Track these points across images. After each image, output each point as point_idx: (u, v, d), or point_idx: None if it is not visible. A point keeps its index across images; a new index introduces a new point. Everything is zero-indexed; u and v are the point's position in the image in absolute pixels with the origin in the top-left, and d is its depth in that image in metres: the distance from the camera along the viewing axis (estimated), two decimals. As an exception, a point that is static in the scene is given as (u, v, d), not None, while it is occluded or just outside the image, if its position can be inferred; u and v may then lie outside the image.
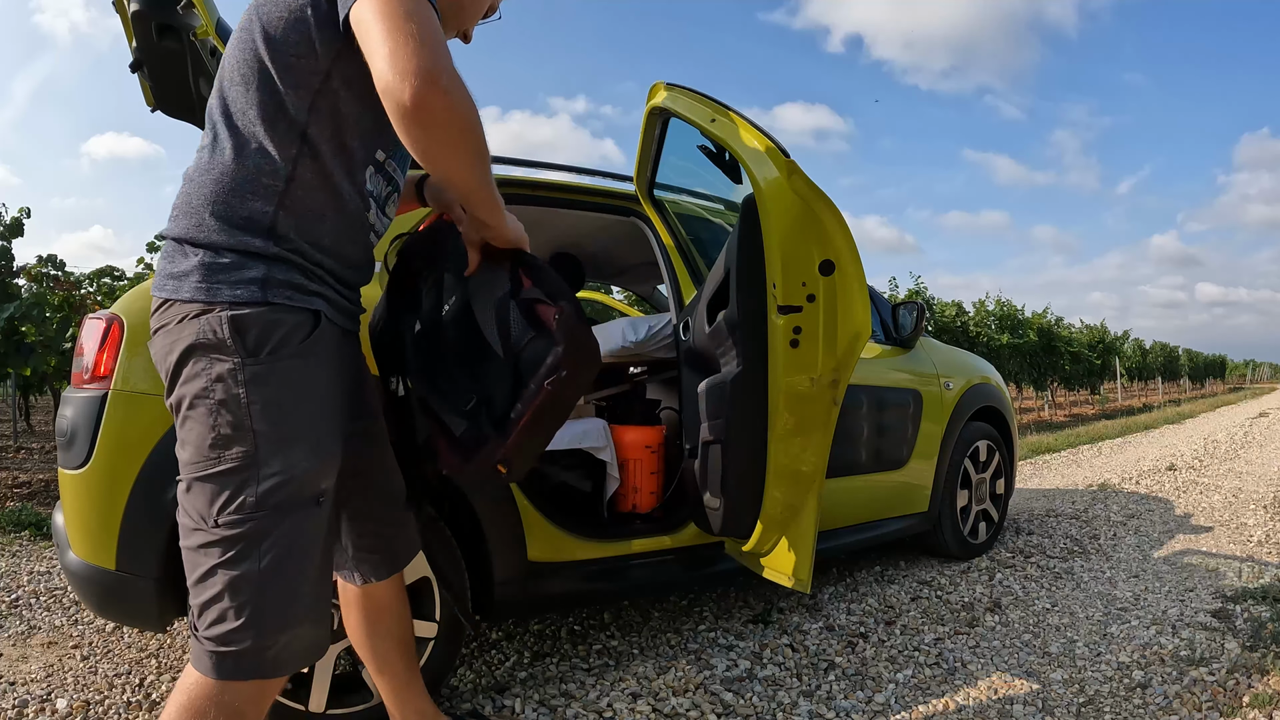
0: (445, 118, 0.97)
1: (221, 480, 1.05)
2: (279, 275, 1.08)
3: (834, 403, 1.91)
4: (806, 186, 1.82)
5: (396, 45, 0.95)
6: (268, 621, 1.05)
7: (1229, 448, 8.12)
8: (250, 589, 1.04)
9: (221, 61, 1.14)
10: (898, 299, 11.29)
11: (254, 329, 1.05)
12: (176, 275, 1.08)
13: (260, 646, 1.05)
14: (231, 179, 1.07)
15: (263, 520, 1.05)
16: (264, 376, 1.06)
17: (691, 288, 2.51)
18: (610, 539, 2.21)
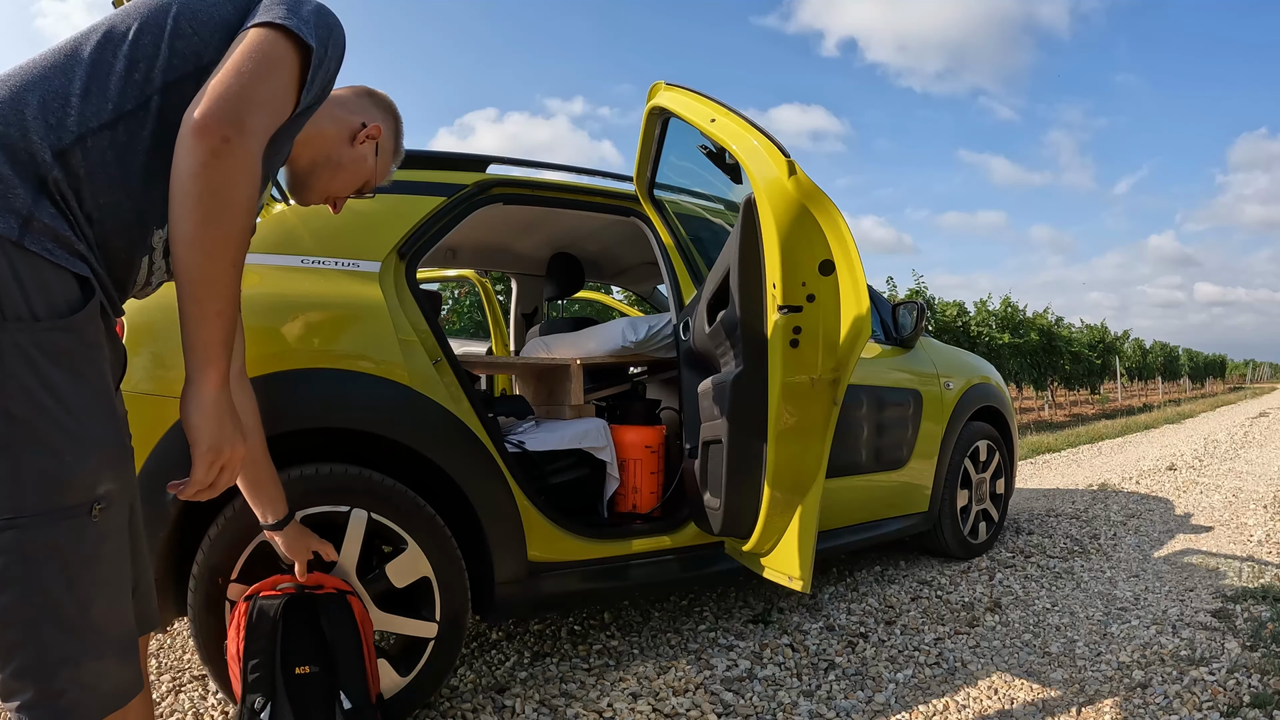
0: (223, 157, 0.86)
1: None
2: (42, 217, 0.85)
3: (834, 403, 1.91)
4: (806, 186, 1.82)
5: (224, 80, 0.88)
6: (48, 660, 0.83)
7: (1229, 447, 8.12)
8: (18, 622, 0.81)
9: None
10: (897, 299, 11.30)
11: (9, 280, 0.82)
12: None
13: (47, 691, 0.82)
14: None
15: (24, 530, 0.81)
16: (25, 347, 0.82)
17: (691, 288, 2.51)
18: (610, 539, 2.21)
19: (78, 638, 0.85)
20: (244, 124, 0.87)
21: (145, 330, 1.65)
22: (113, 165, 0.91)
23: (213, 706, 1.90)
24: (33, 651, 0.82)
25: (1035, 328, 13.62)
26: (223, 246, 0.88)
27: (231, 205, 0.88)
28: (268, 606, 1.52)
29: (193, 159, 0.85)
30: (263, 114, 0.90)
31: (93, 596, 0.87)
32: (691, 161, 2.36)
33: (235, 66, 0.89)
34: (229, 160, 0.86)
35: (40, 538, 0.82)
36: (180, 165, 0.86)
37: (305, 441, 1.79)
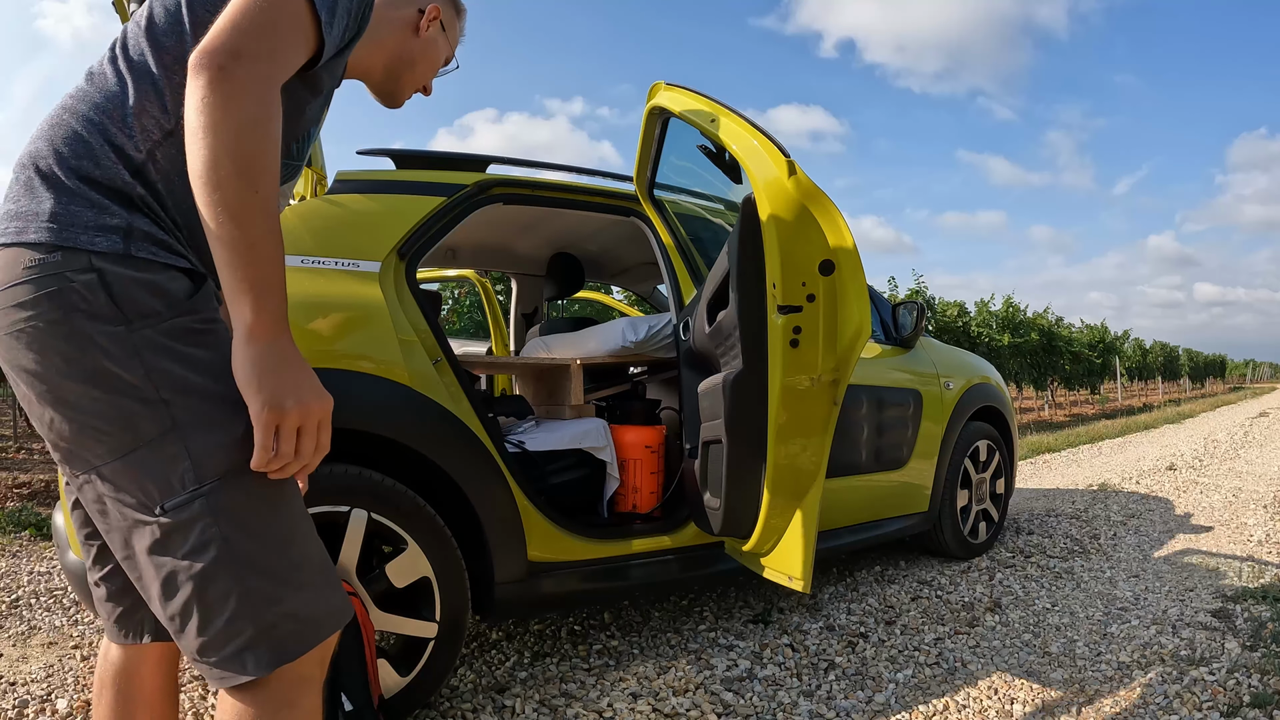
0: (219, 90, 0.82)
1: (147, 465, 0.87)
2: (141, 225, 0.91)
3: (834, 403, 1.91)
4: (806, 186, 1.82)
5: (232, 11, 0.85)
6: (263, 599, 0.89)
7: (1229, 447, 8.12)
8: (227, 574, 0.87)
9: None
10: (898, 299, 11.30)
11: (125, 290, 0.88)
12: (27, 214, 0.89)
13: (267, 627, 0.89)
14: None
15: (213, 493, 0.87)
16: (159, 342, 0.88)
17: (691, 288, 2.51)
18: (610, 539, 2.21)
19: (280, 577, 0.90)
20: (239, 50, 0.83)
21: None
22: (184, 168, 0.89)
23: (212, 707, 1.90)
24: (242, 597, 0.87)
25: (1035, 328, 13.63)
26: (243, 177, 0.83)
27: (243, 131, 0.83)
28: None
29: (194, 96, 0.82)
30: (260, 39, 0.85)
31: (285, 535, 0.92)
32: (691, 161, 2.36)
33: (237, 5, 0.86)
34: (228, 84, 0.82)
35: (225, 498, 0.88)
36: (186, 107, 0.83)
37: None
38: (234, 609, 0.87)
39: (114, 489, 0.88)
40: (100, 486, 0.89)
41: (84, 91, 0.94)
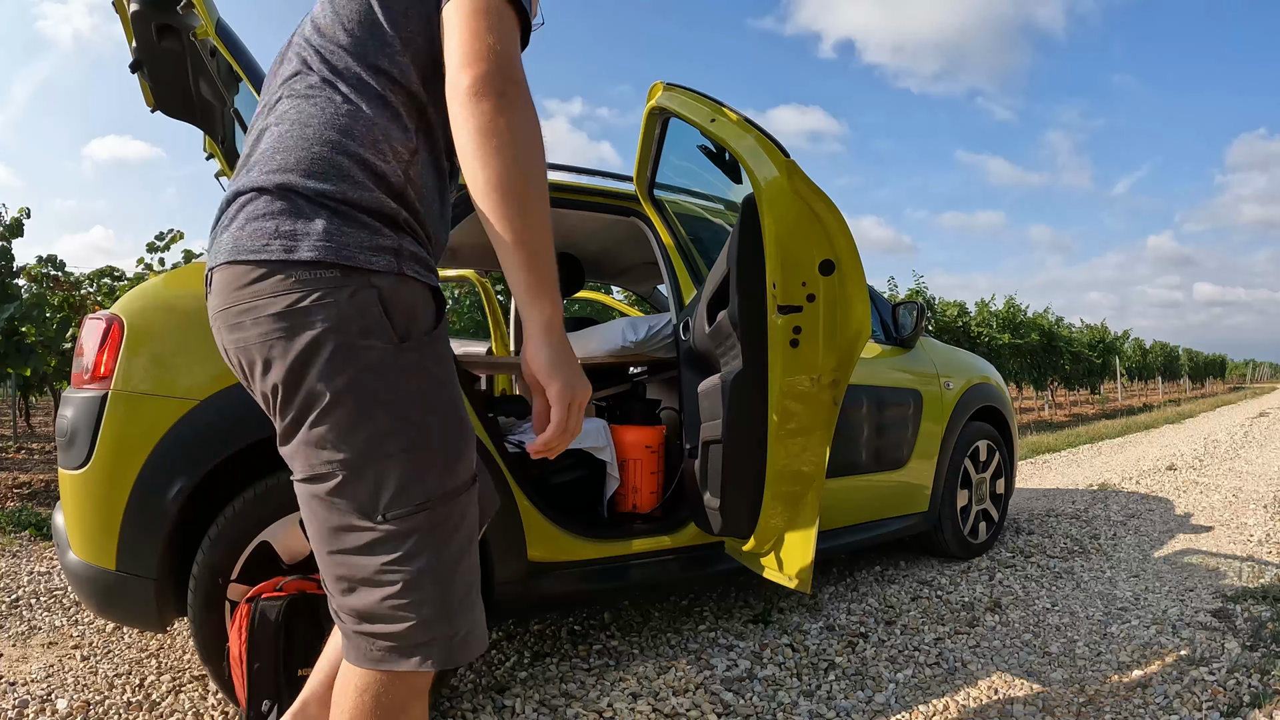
0: (500, 114, 0.90)
1: (387, 475, 0.94)
2: (409, 246, 0.97)
3: (834, 402, 1.91)
4: (806, 186, 1.82)
5: (471, 34, 0.92)
6: (452, 610, 0.98)
7: (1229, 447, 8.12)
8: (431, 581, 0.96)
9: None
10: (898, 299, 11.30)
11: (400, 307, 0.95)
12: (286, 234, 0.93)
13: (446, 636, 0.98)
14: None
15: (434, 511, 0.97)
16: (416, 363, 0.96)
17: (691, 288, 2.51)
18: (610, 539, 2.21)
19: (468, 591, 1.01)
20: (511, 77, 0.91)
21: (145, 331, 1.66)
22: (430, 180, 1.02)
23: (213, 707, 1.90)
24: (440, 601, 0.97)
25: (1035, 328, 13.63)
26: (533, 185, 0.91)
27: (530, 147, 0.91)
28: (269, 608, 1.52)
29: (480, 119, 0.89)
30: (517, 64, 0.93)
31: (471, 555, 1.03)
32: (691, 161, 2.36)
33: (472, 29, 0.91)
34: (511, 108, 0.90)
35: (444, 514, 0.98)
36: (468, 128, 0.90)
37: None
38: (431, 611, 0.96)
39: (337, 493, 0.95)
40: (316, 488, 0.96)
41: (308, 114, 0.97)
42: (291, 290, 0.91)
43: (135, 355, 1.63)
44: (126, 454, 1.60)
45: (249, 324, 0.94)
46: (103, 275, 7.16)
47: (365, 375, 0.93)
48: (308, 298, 0.91)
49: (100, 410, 1.60)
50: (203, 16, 1.88)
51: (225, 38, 1.93)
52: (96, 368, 1.65)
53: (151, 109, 2.35)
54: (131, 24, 2.03)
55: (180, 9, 1.92)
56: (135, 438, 1.60)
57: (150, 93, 2.31)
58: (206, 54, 2.05)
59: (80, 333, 1.78)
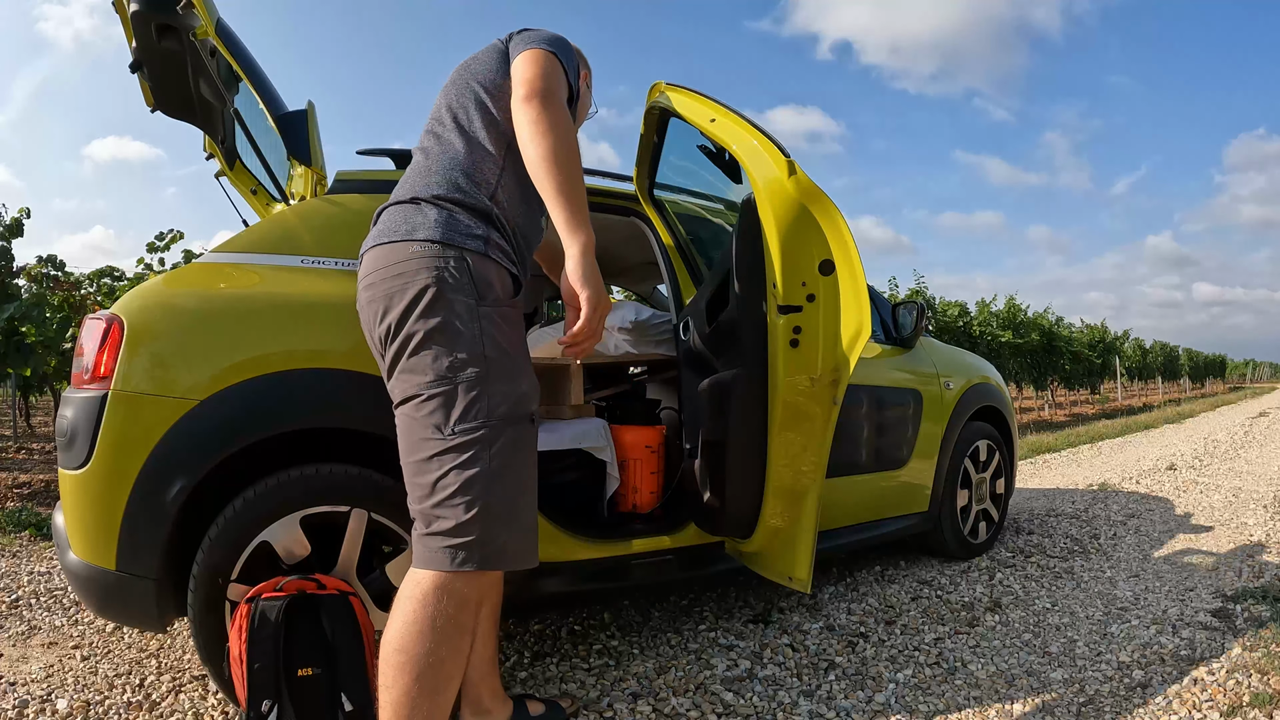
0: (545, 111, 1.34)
1: (458, 396, 1.26)
2: (495, 237, 1.38)
3: (834, 402, 1.91)
4: (806, 186, 1.82)
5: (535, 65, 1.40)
6: (493, 518, 1.25)
7: (1229, 447, 8.12)
8: (480, 486, 1.24)
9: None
10: (898, 299, 11.29)
11: (482, 277, 1.33)
12: (410, 222, 1.35)
13: (485, 539, 1.24)
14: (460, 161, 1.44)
15: (492, 429, 1.27)
16: (492, 315, 1.32)
17: (691, 288, 2.51)
18: (610, 539, 2.21)
19: (513, 507, 1.29)
20: (549, 89, 1.37)
21: (145, 330, 1.66)
22: (516, 193, 1.45)
23: (213, 707, 1.90)
24: (485, 507, 1.25)
25: (1036, 327, 13.63)
26: (572, 156, 1.34)
27: (566, 132, 1.35)
28: (269, 609, 1.52)
29: (530, 115, 1.34)
30: (554, 82, 1.39)
31: (523, 483, 1.33)
32: (691, 161, 2.36)
33: (527, 66, 1.40)
34: (550, 107, 1.35)
35: (499, 434, 1.29)
36: (523, 121, 1.35)
37: (306, 442, 1.79)
38: (476, 513, 1.24)
39: (421, 409, 1.28)
40: (408, 408, 1.30)
41: (437, 151, 1.45)
42: (410, 255, 1.31)
43: (135, 355, 1.63)
44: (126, 454, 1.60)
45: (378, 282, 1.33)
46: (103, 275, 7.16)
47: (452, 319, 1.28)
48: (419, 259, 1.30)
49: (100, 410, 1.60)
50: (203, 16, 1.88)
51: (225, 38, 1.93)
52: (96, 368, 1.64)
53: (151, 109, 2.35)
54: (131, 24, 2.03)
55: (180, 9, 1.92)
56: (135, 438, 1.60)
57: (150, 93, 2.31)
58: (206, 54, 2.05)
59: (80, 333, 1.78)
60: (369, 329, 1.38)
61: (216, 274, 1.82)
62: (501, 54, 1.53)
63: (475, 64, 1.54)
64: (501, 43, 1.56)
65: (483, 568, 1.26)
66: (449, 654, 1.25)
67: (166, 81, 2.24)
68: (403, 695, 1.25)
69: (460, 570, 1.24)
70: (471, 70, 1.53)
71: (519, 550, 1.30)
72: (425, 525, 1.27)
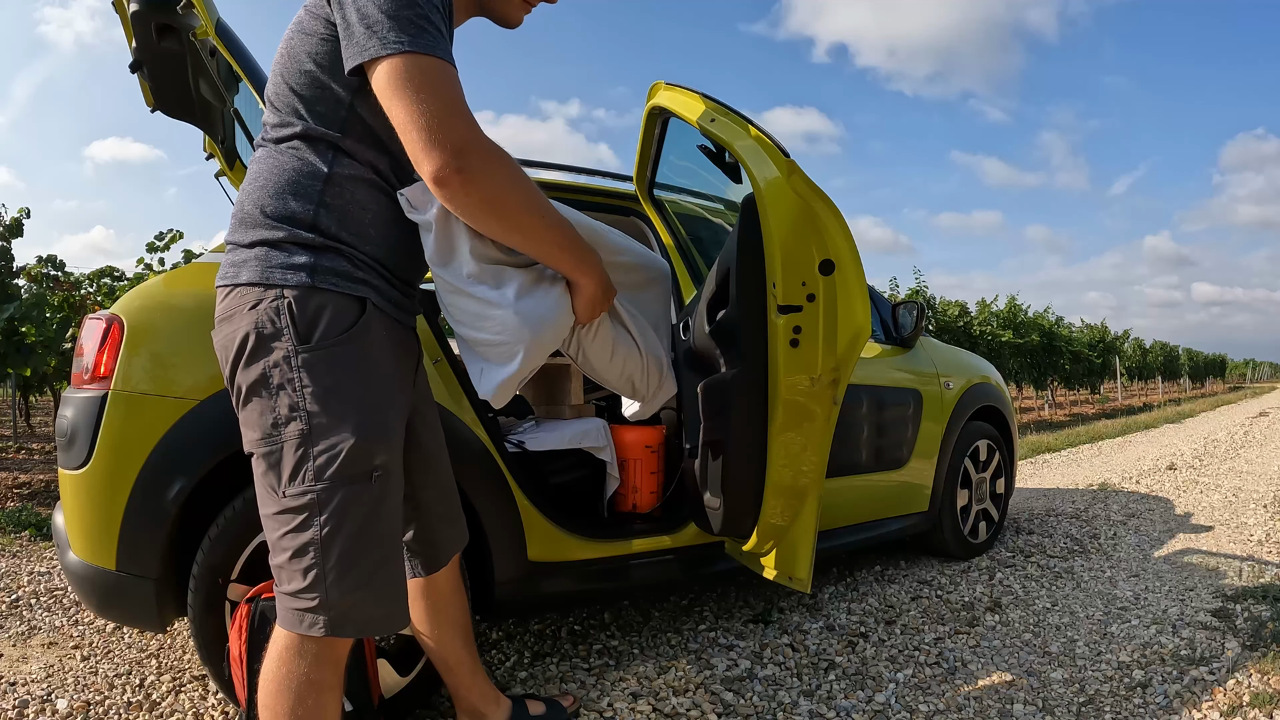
0: (464, 192, 1.10)
1: (283, 456, 1.14)
2: (325, 263, 1.15)
3: (834, 402, 1.91)
4: (806, 186, 1.82)
5: (416, 124, 1.06)
6: (333, 584, 1.14)
7: (1229, 447, 8.12)
8: (315, 552, 1.14)
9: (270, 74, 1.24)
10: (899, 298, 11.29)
11: (304, 314, 1.13)
12: (235, 264, 1.18)
13: (329, 604, 1.14)
14: (275, 182, 1.17)
15: (320, 492, 1.13)
16: (313, 361, 1.14)
17: (691, 288, 2.51)
18: (610, 539, 2.21)
19: (352, 572, 1.15)
20: (463, 145, 1.08)
21: (145, 330, 1.66)
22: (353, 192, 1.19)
23: (213, 707, 1.90)
24: (322, 575, 1.14)
25: (1036, 327, 13.62)
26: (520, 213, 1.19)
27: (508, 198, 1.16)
28: (269, 609, 1.52)
29: (458, 204, 1.12)
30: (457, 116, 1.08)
31: (371, 542, 1.18)
32: (691, 161, 2.36)
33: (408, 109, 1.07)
34: (475, 183, 1.11)
35: (335, 495, 1.14)
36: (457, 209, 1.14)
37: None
38: (311, 580, 1.14)
39: (257, 467, 1.17)
40: (252, 463, 1.18)
41: (258, 159, 1.22)
42: (234, 306, 1.16)
43: (135, 355, 1.63)
44: (126, 454, 1.60)
45: (215, 330, 1.20)
46: (103, 275, 7.16)
47: (270, 370, 1.14)
48: (240, 312, 1.15)
49: (100, 410, 1.60)
50: (203, 16, 1.88)
51: (225, 38, 1.93)
52: (96, 368, 1.64)
53: (151, 109, 2.35)
54: (131, 24, 2.03)
55: (180, 9, 1.92)
56: (135, 438, 1.60)
57: (150, 93, 2.31)
58: (206, 54, 2.04)
59: (80, 333, 1.78)
60: None
61: (216, 274, 1.81)
62: (327, 26, 1.16)
63: (295, 35, 1.19)
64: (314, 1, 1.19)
65: (332, 634, 1.16)
66: (306, 713, 1.17)
67: (166, 81, 2.24)
68: None
69: (309, 634, 1.16)
70: (291, 44, 1.19)
71: (374, 616, 1.19)
72: (277, 582, 1.18)
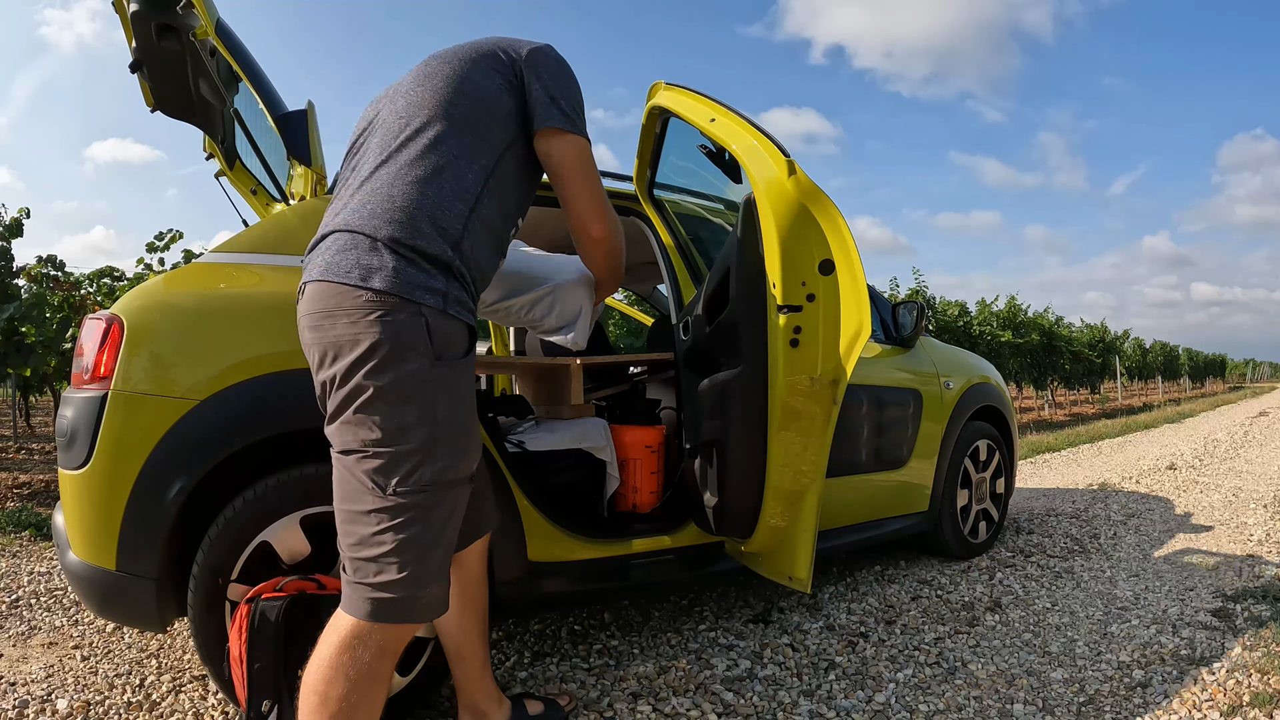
0: (612, 247, 1.58)
1: (404, 458, 1.22)
2: (455, 291, 1.29)
3: (834, 402, 1.91)
4: (806, 186, 1.82)
5: (591, 198, 1.49)
6: (425, 577, 1.25)
7: (1229, 447, 8.12)
8: (416, 549, 1.23)
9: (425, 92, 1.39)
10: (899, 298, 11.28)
11: (439, 333, 1.26)
12: (364, 266, 1.24)
13: (414, 597, 1.24)
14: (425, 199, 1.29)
15: (428, 495, 1.24)
16: (442, 377, 1.26)
17: (691, 288, 2.51)
18: (610, 539, 2.21)
19: (441, 566, 1.28)
20: (613, 216, 1.57)
21: (145, 331, 1.66)
22: (483, 240, 1.37)
23: (213, 707, 1.90)
24: (421, 568, 1.24)
25: (1036, 327, 13.62)
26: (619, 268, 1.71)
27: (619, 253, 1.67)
28: (269, 609, 1.52)
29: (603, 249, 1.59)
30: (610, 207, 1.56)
31: (451, 539, 1.31)
32: (691, 161, 2.36)
33: (585, 187, 1.49)
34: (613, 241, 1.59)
35: (438, 498, 1.26)
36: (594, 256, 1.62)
37: (306, 442, 1.79)
38: (405, 575, 1.22)
39: (364, 465, 1.22)
40: (349, 459, 1.24)
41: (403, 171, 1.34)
42: (361, 308, 1.22)
43: (135, 355, 1.63)
44: (126, 454, 1.60)
45: (324, 325, 1.24)
46: (103, 275, 7.16)
47: (405, 380, 1.22)
48: (370, 316, 1.21)
49: (100, 410, 1.60)
50: (202, 16, 1.88)
51: (225, 38, 1.93)
52: (96, 368, 1.64)
53: (151, 109, 2.35)
54: (131, 24, 2.03)
55: (180, 9, 1.92)
56: (135, 438, 1.60)
57: (150, 93, 2.31)
58: (206, 54, 2.05)
59: (80, 333, 1.78)
60: (312, 368, 1.30)
61: (216, 274, 1.82)
62: (509, 81, 1.41)
63: (472, 72, 1.39)
64: (505, 59, 1.43)
65: (403, 621, 1.25)
66: (360, 701, 1.23)
67: (166, 81, 2.24)
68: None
69: (381, 623, 1.23)
70: (468, 79, 1.38)
71: (433, 601, 1.29)
72: (354, 573, 1.24)
